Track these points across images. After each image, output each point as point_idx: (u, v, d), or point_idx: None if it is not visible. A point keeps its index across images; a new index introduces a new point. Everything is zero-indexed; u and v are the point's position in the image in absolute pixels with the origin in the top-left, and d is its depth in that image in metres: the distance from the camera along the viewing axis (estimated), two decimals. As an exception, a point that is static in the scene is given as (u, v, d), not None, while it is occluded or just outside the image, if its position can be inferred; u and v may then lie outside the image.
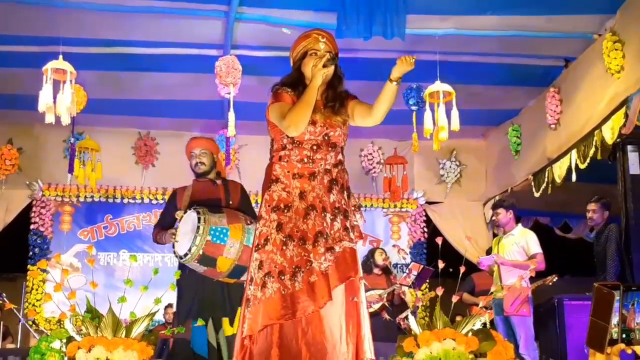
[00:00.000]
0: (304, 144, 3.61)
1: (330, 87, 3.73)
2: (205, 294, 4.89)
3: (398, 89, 3.56)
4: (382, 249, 8.38)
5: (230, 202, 5.13)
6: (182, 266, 4.86)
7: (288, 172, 3.61)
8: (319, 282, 3.40)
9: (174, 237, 4.86)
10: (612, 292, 3.84)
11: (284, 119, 3.53)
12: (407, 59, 3.49)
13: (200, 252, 4.58)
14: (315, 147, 3.61)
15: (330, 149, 3.64)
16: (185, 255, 4.63)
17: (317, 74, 3.59)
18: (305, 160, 3.60)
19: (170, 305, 8.77)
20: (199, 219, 4.64)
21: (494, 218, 7.32)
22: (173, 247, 4.89)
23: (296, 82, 3.72)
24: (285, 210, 3.55)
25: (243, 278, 4.55)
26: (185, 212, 4.91)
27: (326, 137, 3.63)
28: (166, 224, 5.19)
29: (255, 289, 3.46)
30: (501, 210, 7.12)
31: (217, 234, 4.62)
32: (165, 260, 9.30)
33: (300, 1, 6.10)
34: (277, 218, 3.53)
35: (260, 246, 3.53)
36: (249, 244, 4.47)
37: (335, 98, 3.72)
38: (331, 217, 3.56)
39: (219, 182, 5.31)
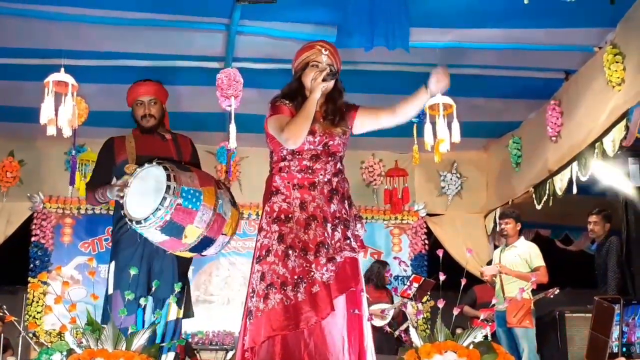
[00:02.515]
0: (304, 154, 3.62)
1: (330, 101, 3.74)
2: (152, 270, 4.14)
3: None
4: (385, 262, 8.39)
5: (183, 162, 4.35)
6: (121, 237, 4.18)
7: (288, 182, 3.62)
8: (321, 292, 3.40)
9: (121, 191, 3.95)
10: (612, 305, 3.83)
11: (282, 132, 3.54)
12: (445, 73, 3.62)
13: (168, 218, 3.74)
14: (314, 157, 3.62)
15: (329, 158, 3.65)
16: (147, 219, 3.76)
17: (317, 87, 3.61)
18: (305, 170, 3.61)
19: None
20: (168, 176, 3.79)
21: (502, 227, 7.25)
22: (121, 208, 3.97)
23: (295, 93, 3.74)
24: (286, 221, 3.55)
25: (205, 253, 4.02)
26: (140, 165, 4.02)
27: (326, 147, 3.64)
28: (102, 182, 4.29)
29: (257, 301, 3.45)
30: (511, 221, 7.11)
31: (190, 197, 3.80)
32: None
33: (301, 14, 6.11)
34: (278, 229, 3.53)
35: (261, 258, 3.53)
36: (222, 211, 3.90)
37: (335, 112, 3.73)
38: (332, 227, 3.57)
39: (168, 136, 4.53)
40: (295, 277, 3.43)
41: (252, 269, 3.62)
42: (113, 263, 4.22)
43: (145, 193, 3.85)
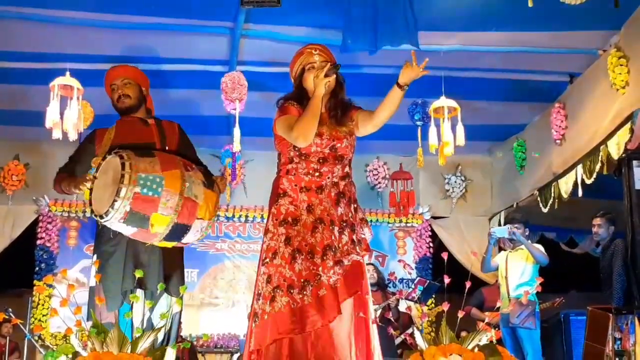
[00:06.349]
0: (311, 156, 3.62)
1: (332, 95, 3.75)
2: (138, 262, 3.92)
3: (404, 94, 3.58)
4: (370, 263, 8.30)
5: (167, 147, 4.13)
6: (102, 231, 4.00)
7: (295, 185, 3.62)
8: (327, 296, 3.41)
9: (83, 186, 3.84)
10: (607, 314, 3.80)
11: (291, 131, 3.54)
12: (415, 65, 3.52)
13: (128, 209, 3.56)
14: (322, 160, 3.62)
15: (337, 161, 3.66)
16: (107, 213, 3.60)
17: (320, 83, 3.61)
18: (312, 173, 3.61)
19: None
20: (122, 164, 3.60)
21: (516, 231, 7.19)
22: (90, 204, 3.81)
23: (301, 98, 3.74)
24: (294, 224, 3.55)
25: (185, 240, 3.84)
26: (103, 157, 3.82)
27: (333, 150, 3.64)
28: (74, 172, 4.18)
29: (263, 303, 3.46)
30: (520, 226, 7.09)
31: (149, 184, 3.60)
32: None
33: (305, 18, 6.12)
34: (285, 232, 3.54)
35: (268, 260, 3.53)
36: (191, 195, 3.70)
37: (337, 106, 3.74)
38: (339, 230, 3.57)
39: (151, 121, 4.24)
40: (302, 280, 3.43)
41: (258, 271, 3.63)
42: (95, 256, 4.09)
43: (106, 186, 3.70)
